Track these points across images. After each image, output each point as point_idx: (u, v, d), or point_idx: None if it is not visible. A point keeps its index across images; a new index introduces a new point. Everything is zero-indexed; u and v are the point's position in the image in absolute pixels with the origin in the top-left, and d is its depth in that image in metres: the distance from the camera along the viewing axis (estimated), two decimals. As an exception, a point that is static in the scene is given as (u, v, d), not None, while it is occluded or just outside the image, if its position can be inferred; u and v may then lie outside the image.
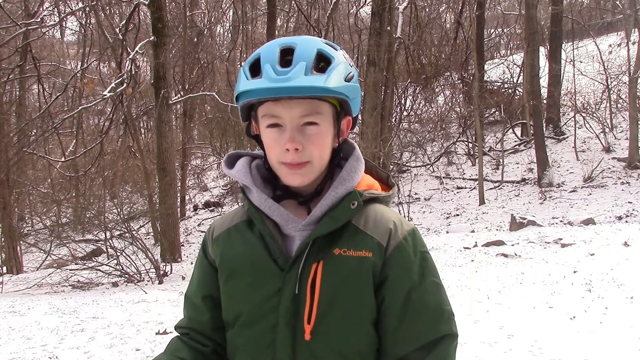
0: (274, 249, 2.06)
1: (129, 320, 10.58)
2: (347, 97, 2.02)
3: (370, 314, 2.06)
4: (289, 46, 2.00)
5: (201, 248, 2.30)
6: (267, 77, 1.93)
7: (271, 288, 2.05)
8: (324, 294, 2.00)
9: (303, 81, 1.91)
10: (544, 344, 7.67)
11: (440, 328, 2.06)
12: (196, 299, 2.26)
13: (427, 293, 2.08)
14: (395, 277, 2.06)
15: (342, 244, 2.04)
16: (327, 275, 2.01)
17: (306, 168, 2.03)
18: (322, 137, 2.03)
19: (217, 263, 2.19)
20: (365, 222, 2.09)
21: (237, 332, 2.13)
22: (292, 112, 1.97)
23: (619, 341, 7.65)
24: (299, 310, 2.01)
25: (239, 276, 2.11)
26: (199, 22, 37.40)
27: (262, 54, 2.01)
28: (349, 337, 2.04)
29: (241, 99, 2.02)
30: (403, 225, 2.14)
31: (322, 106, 2.01)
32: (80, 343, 9.01)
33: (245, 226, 2.17)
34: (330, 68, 1.97)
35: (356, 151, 2.18)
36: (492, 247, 15.45)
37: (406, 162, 31.39)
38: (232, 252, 2.15)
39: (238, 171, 2.19)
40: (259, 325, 2.07)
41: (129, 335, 9.36)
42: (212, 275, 2.22)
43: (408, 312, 2.05)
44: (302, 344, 2.01)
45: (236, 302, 2.12)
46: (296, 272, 2.01)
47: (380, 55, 25.16)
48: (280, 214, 2.08)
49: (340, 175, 2.11)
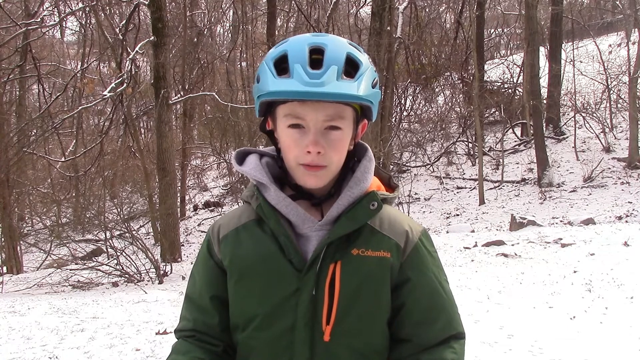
0: (288, 248, 2.04)
1: (129, 320, 10.55)
2: (372, 103, 2.01)
3: (386, 313, 2.09)
4: (318, 46, 1.98)
5: (205, 248, 2.25)
6: (298, 79, 1.90)
7: (288, 289, 2.03)
8: (343, 294, 2.01)
9: (336, 87, 1.90)
10: (544, 344, 7.66)
11: (455, 326, 2.12)
12: (203, 300, 2.21)
13: (445, 292, 2.14)
14: (417, 279, 2.09)
15: (359, 244, 2.05)
16: (346, 275, 2.01)
17: (323, 170, 2.01)
18: (343, 142, 2.02)
19: (226, 264, 2.15)
20: (380, 222, 2.10)
21: (251, 334, 2.11)
22: (318, 115, 1.96)
23: (619, 341, 7.66)
24: (317, 311, 2.01)
25: (252, 277, 2.09)
26: (199, 22, 37.39)
27: (290, 51, 1.98)
28: (367, 336, 2.06)
29: (267, 97, 1.98)
30: (416, 226, 2.17)
31: (346, 111, 2.00)
32: (80, 343, 8.98)
33: (255, 225, 2.14)
34: (360, 73, 1.96)
35: (368, 152, 2.18)
36: (492, 247, 15.45)
37: (406, 162, 31.38)
38: (243, 252, 2.11)
39: (252, 168, 2.16)
40: (276, 326, 2.05)
41: (129, 335, 9.33)
42: (219, 276, 2.18)
43: (431, 312, 2.09)
44: (321, 345, 2.02)
45: (249, 304, 2.10)
46: (314, 272, 2.01)
47: (380, 55, 25.09)
48: (297, 213, 2.07)
49: (355, 176, 2.10)
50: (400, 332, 2.11)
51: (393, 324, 2.11)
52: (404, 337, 2.10)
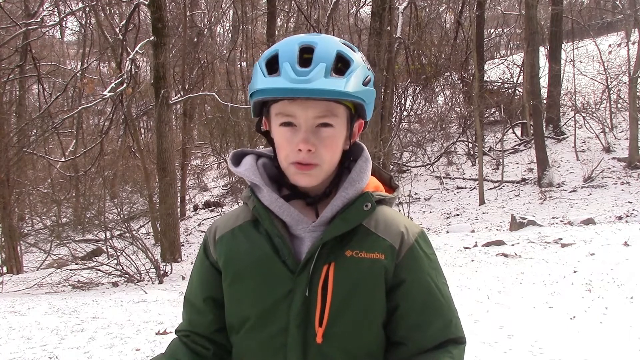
0: (282, 250, 2.04)
1: (129, 320, 10.54)
2: (364, 101, 2.01)
3: (381, 316, 2.08)
4: (309, 45, 1.98)
5: (202, 249, 2.26)
6: (286, 77, 1.92)
7: (281, 290, 2.03)
8: (336, 296, 2.00)
9: (323, 84, 1.90)
10: (544, 344, 7.66)
11: (453, 330, 2.10)
12: (197, 301, 2.23)
13: (442, 295, 2.11)
14: (412, 281, 2.08)
15: (353, 245, 2.04)
16: (339, 277, 2.01)
17: (315, 169, 2.01)
18: (335, 139, 2.02)
19: (221, 264, 2.16)
20: (375, 224, 2.09)
21: (244, 335, 2.11)
22: (308, 112, 1.96)
23: (619, 341, 7.65)
24: (310, 312, 2.01)
25: (246, 278, 2.09)
26: (199, 22, 37.39)
27: (280, 50, 1.99)
28: (361, 338, 2.05)
29: (256, 96, 1.99)
30: (413, 227, 2.16)
31: (338, 108, 2.00)
32: (80, 343, 8.98)
33: (251, 226, 2.14)
34: (350, 71, 1.96)
35: (365, 152, 2.17)
36: (492, 247, 15.44)
37: (406, 162, 31.38)
38: (238, 253, 2.12)
39: (246, 169, 2.16)
40: (269, 328, 2.06)
41: (129, 335, 9.33)
42: (214, 277, 2.19)
43: (426, 314, 2.07)
44: (314, 347, 2.01)
45: (243, 305, 2.10)
46: (307, 274, 2.01)
47: (380, 55, 25.09)
48: (291, 214, 2.07)
49: (350, 176, 2.10)
50: (395, 335, 2.10)
51: (388, 326, 2.10)
52: (399, 340, 2.10)
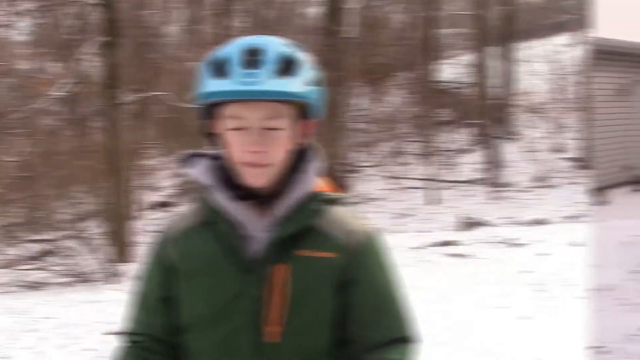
0: (234, 249, 2.04)
1: (81, 320, 10.56)
2: (312, 101, 2.04)
3: (334, 314, 2.07)
4: (254, 47, 1.99)
5: (154, 249, 2.25)
6: (232, 79, 1.93)
7: (232, 290, 2.03)
8: (287, 295, 2.00)
9: (270, 85, 1.92)
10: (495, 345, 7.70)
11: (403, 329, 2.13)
12: (149, 302, 2.21)
13: (392, 294, 2.15)
14: (364, 280, 2.08)
15: (305, 245, 2.04)
16: (290, 276, 2.01)
17: (267, 169, 2.01)
18: (284, 140, 2.02)
19: (175, 265, 2.14)
20: (327, 223, 2.09)
21: (196, 335, 2.09)
22: (257, 114, 1.96)
23: (570, 341, 7.71)
24: (262, 312, 2.00)
25: (199, 278, 2.08)
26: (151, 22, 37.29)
27: (227, 53, 2.00)
28: (314, 338, 2.05)
29: (205, 98, 2.01)
30: (365, 226, 2.16)
31: (285, 109, 2.01)
32: (32, 343, 8.99)
33: (203, 227, 2.13)
34: (296, 71, 1.98)
35: (315, 152, 2.17)
36: (443, 248, 15.54)
37: (357, 162, 31.46)
38: (191, 253, 2.11)
39: (197, 171, 2.15)
40: (220, 328, 2.04)
41: (81, 335, 9.38)
42: (167, 277, 2.16)
43: (377, 313, 2.08)
44: (266, 347, 2.00)
45: (196, 305, 2.08)
46: (258, 273, 2.00)
47: (332, 56, 25.18)
48: (241, 214, 2.06)
49: (300, 176, 2.10)
50: (345, 334, 2.09)
51: (340, 325, 2.09)
52: (349, 338, 2.09)
